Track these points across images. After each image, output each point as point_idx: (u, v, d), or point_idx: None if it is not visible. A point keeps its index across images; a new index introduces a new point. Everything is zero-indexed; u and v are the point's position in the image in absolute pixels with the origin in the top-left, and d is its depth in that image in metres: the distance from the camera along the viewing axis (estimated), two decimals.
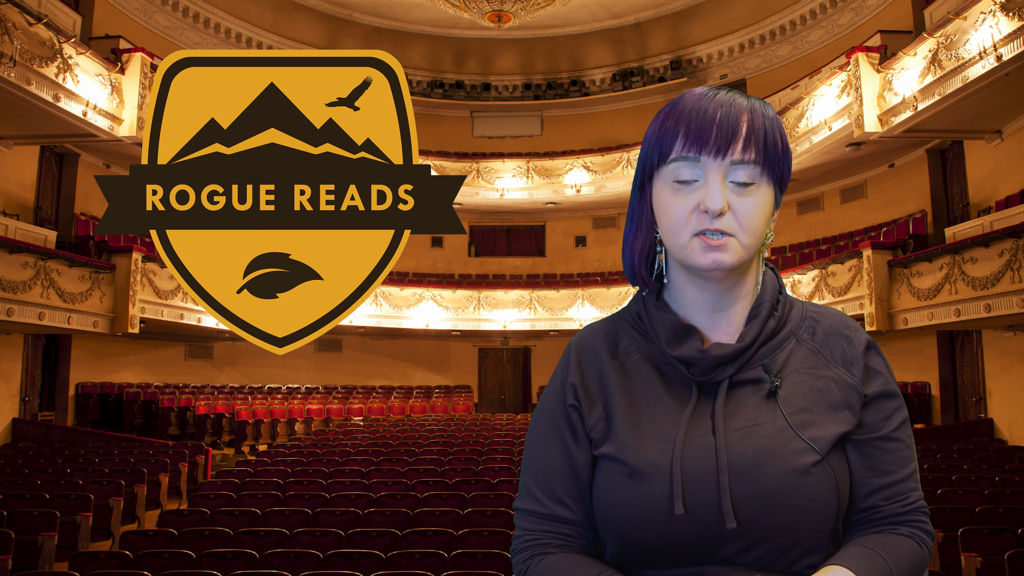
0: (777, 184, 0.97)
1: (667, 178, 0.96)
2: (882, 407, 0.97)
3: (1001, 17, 8.37)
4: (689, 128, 0.94)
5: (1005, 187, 10.59)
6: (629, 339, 1.02)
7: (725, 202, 0.92)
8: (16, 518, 5.65)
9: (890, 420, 0.97)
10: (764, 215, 0.95)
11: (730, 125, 0.93)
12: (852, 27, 14.29)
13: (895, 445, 0.96)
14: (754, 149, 0.94)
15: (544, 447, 1.01)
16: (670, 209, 0.95)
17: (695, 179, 0.94)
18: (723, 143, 0.93)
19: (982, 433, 10.30)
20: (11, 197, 11.28)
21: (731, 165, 0.93)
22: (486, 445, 9.78)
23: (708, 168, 0.93)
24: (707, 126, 0.93)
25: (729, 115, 0.94)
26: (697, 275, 0.97)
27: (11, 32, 8.81)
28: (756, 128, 0.94)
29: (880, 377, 0.98)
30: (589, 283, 16.99)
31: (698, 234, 0.93)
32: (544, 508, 0.99)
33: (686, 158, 0.94)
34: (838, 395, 0.96)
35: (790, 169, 0.99)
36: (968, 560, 4.74)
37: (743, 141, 0.93)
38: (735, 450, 0.91)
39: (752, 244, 0.94)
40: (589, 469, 0.99)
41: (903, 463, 0.97)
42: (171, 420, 12.49)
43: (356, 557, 4.52)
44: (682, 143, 0.94)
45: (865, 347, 0.99)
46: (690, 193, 0.94)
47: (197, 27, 15.22)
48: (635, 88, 17.81)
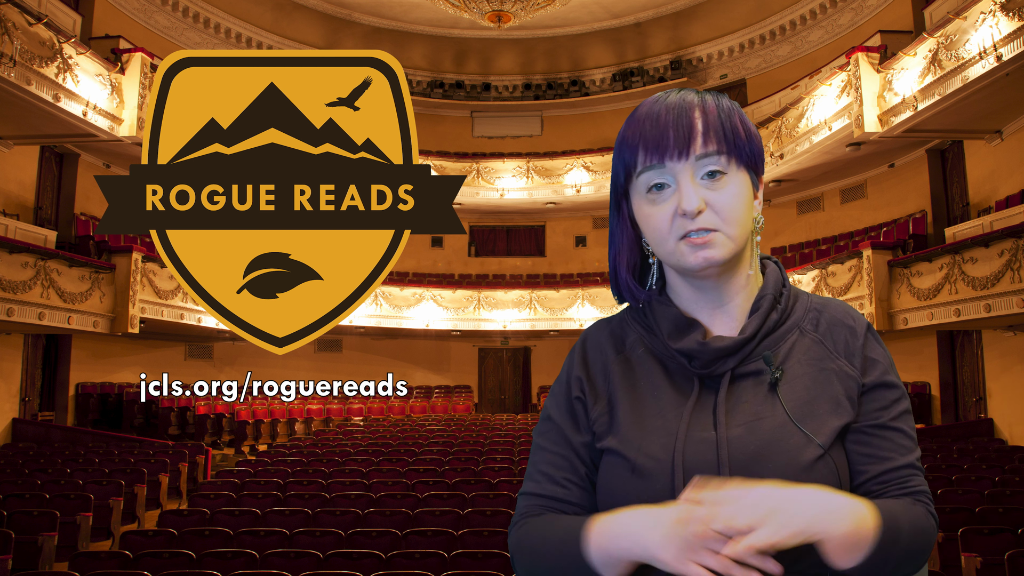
0: (751, 169, 0.97)
1: (640, 190, 0.97)
2: (880, 396, 0.96)
3: (1001, 17, 8.36)
4: (646, 138, 0.95)
5: (1005, 187, 10.59)
6: (635, 334, 1.03)
7: (700, 200, 0.92)
8: (16, 518, 5.65)
9: (889, 410, 0.96)
10: (743, 202, 0.95)
11: (684, 125, 0.94)
12: (852, 27, 14.28)
13: (893, 434, 0.95)
14: (715, 140, 0.94)
15: (547, 434, 1.02)
16: (651, 220, 0.96)
17: (667, 184, 0.95)
18: (682, 144, 0.94)
19: (982, 433, 10.29)
20: (11, 197, 11.27)
21: (696, 161, 0.94)
22: (486, 445, 9.77)
23: (676, 171, 0.94)
24: (663, 131, 0.94)
25: (681, 115, 0.95)
26: (692, 276, 0.97)
27: (11, 32, 8.81)
28: (711, 120, 0.95)
29: (878, 366, 0.97)
30: (589, 283, 16.98)
31: (683, 238, 0.93)
32: (542, 489, 0.99)
33: (652, 167, 0.95)
34: (839, 387, 0.95)
35: (761, 151, 0.99)
36: (968, 560, 4.73)
37: (702, 136, 0.94)
38: (736, 445, 0.91)
39: (738, 234, 0.94)
40: (590, 458, 0.99)
41: (903, 452, 0.95)
42: (171, 420, 12.49)
43: (356, 557, 4.52)
44: (644, 155, 0.95)
45: (864, 336, 0.99)
46: (665, 200, 0.94)
47: (197, 27, 15.22)
48: (635, 88, 17.80)
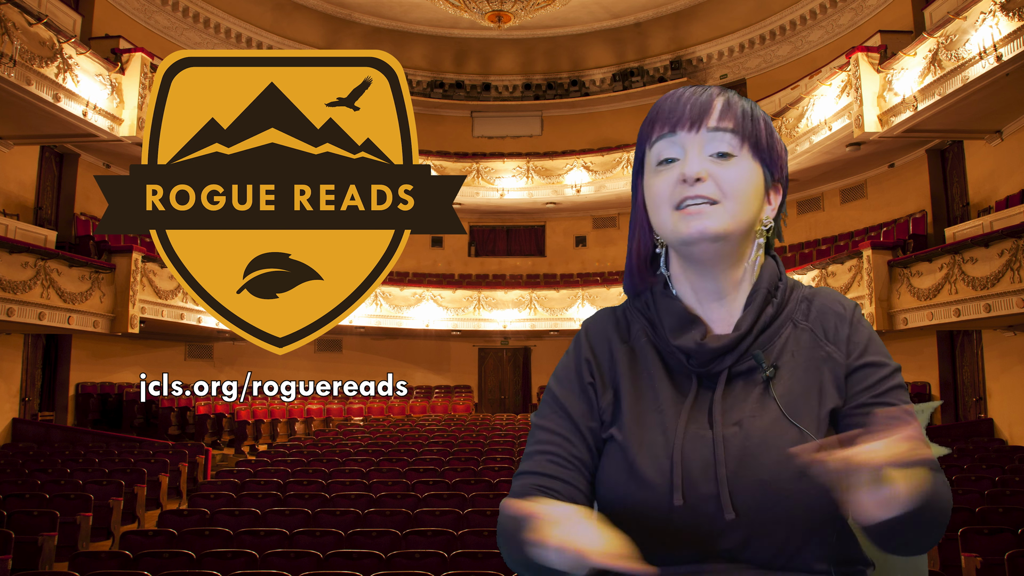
0: (766, 166, 0.97)
1: (652, 164, 0.98)
2: (864, 375, 0.95)
3: (1001, 17, 8.36)
4: (663, 111, 0.98)
5: (1005, 187, 10.58)
6: (639, 324, 1.02)
7: (704, 169, 0.93)
8: (16, 518, 5.65)
9: (875, 387, 0.94)
10: (751, 185, 0.95)
11: (703, 101, 0.96)
12: (852, 27, 14.28)
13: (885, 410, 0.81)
14: (731, 119, 0.95)
15: (551, 417, 0.99)
16: (654, 190, 0.97)
17: (675, 156, 0.95)
18: (696, 115, 0.95)
19: (982, 433, 10.29)
20: (11, 197, 11.27)
21: (707, 133, 0.95)
22: (486, 445, 9.77)
23: (686, 143, 0.95)
24: (681, 105, 0.97)
25: (702, 95, 0.97)
26: (688, 255, 0.97)
27: (11, 32, 8.81)
28: (732, 105, 0.97)
29: (860, 346, 0.96)
30: (589, 283, 16.98)
31: (680, 207, 0.94)
32: (539, 467, 0.96)
33: (663, 136, 0.96)
34: (828, 374, 0.95)
35: (781, 157, 0.99)
36: (968, 560, 4.74)
37: (718, 112, 0.95)
38: (732, 443, 0.91)
39: (739, 212, 0.94)
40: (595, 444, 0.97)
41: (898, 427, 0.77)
42: (171, 420, 12.49)
43: (356, 557, 4.52)
44: (658, 125, 0.97)
45: (851, 320, 0.98)
46: (671, 171, 0.95)
47: (197, 27, 15.21)
48: (635, 88, 17.80)
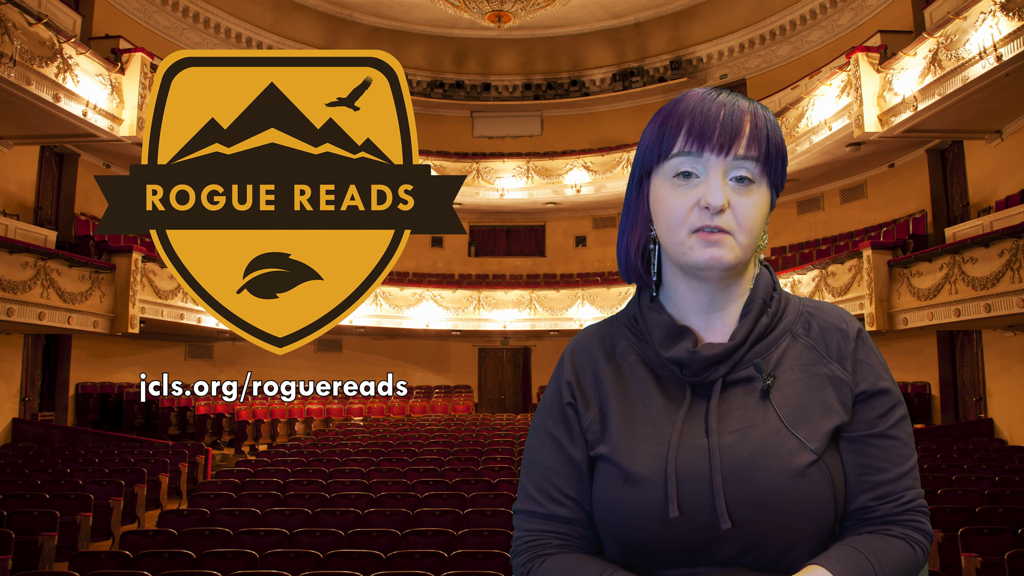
0: (773, 187, 0.97)
1: (667, 173, 0.95)
2: (876, 404, 0.95)
3: (1001, 17, 8.36)
4: (692, 125, 0.94)
5: (1005, 187, 10.58)
6: (626, 341, 1.02)
7: (726, 199, 0.92)
8: (16, 518, 5.64)
9: (885, 418, 0.95)
10: (762, 216, 0.95)
11: (734, 123, 0.93)
12: (852, 27, 14.28)
13: (890, 443, 0.94)
14: (757, 147, 0.94)
15: (541, 448, 1.00)
16: (669, 205, 0.94)
17: (697, 173, 0.93)
18: (727, 140, 0.93)
19: (982, 433, 10.29)
20: (11, 197, 11.27)
21: (734, 161, 0.93)
22: (486, 445, 9.77)
23: (710, 164, 0.93)
24: (711, 123, 0.93)
25: (733, 114, 0.94)
26: (692, 274, 0.96)
27: (11, 32, 8.81)
28: (759, 128, 0.94)
29: (872, 372, 0.96)
30: (589, 283, 16.97)
31: (697, 231, 0.92)
32: (542, 508, 0.98)
33: (688, 153, 0.94)
34: (832, 392, 0.94)
35: (785, 173, 0.99)
36: (968, 560, 4.73)
37: (747, 139, 0.93)
38: (729, 452, 0.90)
39: (748, 244, 0.94)
40: (587, 468, 0.98)
41: (899, 460, 0.94)
42: (171, 420, 12.49)
43: (356, 557, 4.51)
44: (685, 139, 0.94)
45: (856, 340, 0.98)
46: (690, 189, 0.93)
47: (197, 27, 15.21)
48: (635, 88, 17.80)
